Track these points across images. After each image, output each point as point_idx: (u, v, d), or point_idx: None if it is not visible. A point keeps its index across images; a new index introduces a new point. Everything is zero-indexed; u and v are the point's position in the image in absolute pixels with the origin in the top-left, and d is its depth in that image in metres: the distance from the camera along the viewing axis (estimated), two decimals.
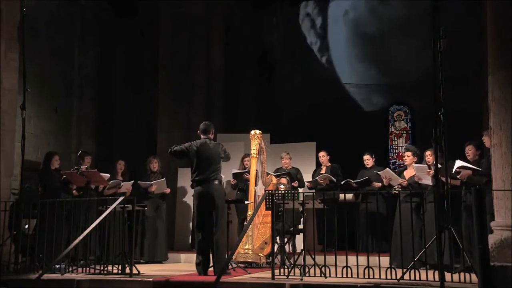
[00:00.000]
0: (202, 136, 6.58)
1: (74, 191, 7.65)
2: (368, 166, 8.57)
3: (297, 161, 8.86)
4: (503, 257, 4.84)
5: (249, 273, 6.17)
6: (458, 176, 6.44)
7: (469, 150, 6.74)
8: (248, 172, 7.87)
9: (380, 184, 8.14)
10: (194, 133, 10.08)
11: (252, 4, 12.98)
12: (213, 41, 11.69)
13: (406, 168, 7.54)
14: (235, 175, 8.41)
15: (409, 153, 7.52)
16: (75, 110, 11.16)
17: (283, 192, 6.28)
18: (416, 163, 7.25)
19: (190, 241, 9.45)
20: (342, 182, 8.45)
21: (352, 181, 8.41)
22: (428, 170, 6.78)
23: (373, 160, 8.60)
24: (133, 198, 6.57)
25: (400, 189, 7.21)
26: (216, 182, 6.37)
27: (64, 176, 7.42)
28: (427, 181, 6.84)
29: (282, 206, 6.07)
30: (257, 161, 7.47)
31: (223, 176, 7.18)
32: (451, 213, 4.96)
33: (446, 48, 4.75)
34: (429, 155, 6.96)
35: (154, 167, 8.53)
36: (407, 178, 7.30)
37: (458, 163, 6.42)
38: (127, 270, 5.91)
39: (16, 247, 6.76)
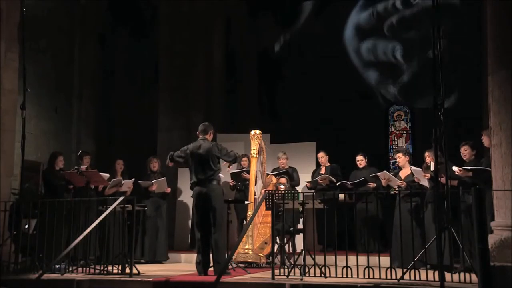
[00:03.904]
0: (200, 137, 6.56)
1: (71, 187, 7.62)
2: (361, 167, 8.57)
3: (297, 161, 8.86)
4: (503, 257, 4.83)
5: (249, 273, 6.17)
6: (456, 172, 6.40)
7: (465, 151, 6.71)
8: (246, 171, 7.87)
9: (374, 185, 8.14)
10: (194, 133, 10.11)
11: (252, 4, 12.97)
12: (213, 40, 11.69)
13: (401, 169, 7.54)
14: (233, 175, 8.39)
15: (400, 154, 7.52)
16: (75, 110, 11.17)
17: (283, 192, 6.27)
18: (409, 162, 7.28)
19: (189, 241, 9.44)
20: (337, 184, 8.41)
21: (348, 182, 8.38)
22: (424, 174, 6.80)
23: (366, 160, 8.59)
24: (133, 198, 6.57)
25: (398, 190, 7.20)
26: (214, 183, 6.35)
27: (66, 176, 7.42)
28: (425, 183, 6.86)
29: (282, 206, 6.08)
30: (257, 161, 7.47)
31: (222, 176, 7.16)
32: (451, 213, 4.96)
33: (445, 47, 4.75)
34: (427, 156, 6.95)
35: (154, 166, 8.54)
36: (403, 178, 7.30)
37: (455, 169, 6.41)
38: (127, 270, 5.91)
39: (16, 247, 6.76)
